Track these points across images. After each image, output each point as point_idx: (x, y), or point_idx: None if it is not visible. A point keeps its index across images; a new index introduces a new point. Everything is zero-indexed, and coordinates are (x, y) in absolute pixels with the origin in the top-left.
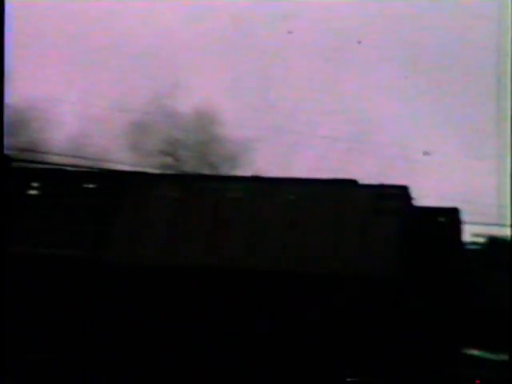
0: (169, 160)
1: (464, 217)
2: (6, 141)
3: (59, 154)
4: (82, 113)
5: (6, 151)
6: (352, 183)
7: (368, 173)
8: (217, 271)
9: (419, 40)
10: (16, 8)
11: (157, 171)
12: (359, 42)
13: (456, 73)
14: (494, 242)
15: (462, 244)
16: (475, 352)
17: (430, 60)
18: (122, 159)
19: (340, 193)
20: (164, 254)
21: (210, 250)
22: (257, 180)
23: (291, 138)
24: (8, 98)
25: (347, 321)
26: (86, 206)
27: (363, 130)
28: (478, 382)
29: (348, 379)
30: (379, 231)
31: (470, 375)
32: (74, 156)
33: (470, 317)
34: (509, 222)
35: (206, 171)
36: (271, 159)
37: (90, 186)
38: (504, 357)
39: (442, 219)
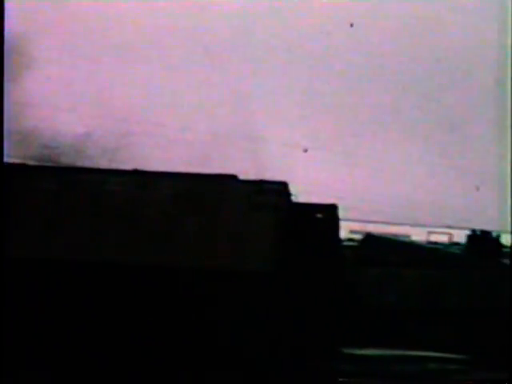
0: (47, 152)
1: (341, 213)
2: None
3: None
4: None
5: None
6: (231, 178)
7: (247, 168)
8: (88, 264)
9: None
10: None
11: (34, 163)
12: None
13: (334, 73)
14: (369, 238)
15: (338, 240)
16: (351, 350)
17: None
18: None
19: (219, 188)
20: (36, 246)
21: (86, 244)
22: (136, 174)
23: (170, 132)
24: None
25: (220, 315)
26: None
27: (244, 126)
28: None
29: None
30: (257, 227)
31: (342, 371)
32: None
33: (345, 314)
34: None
35: (85, 164)
36: (151, 153)
37: None
38: (374, 352)
39: (319, 215)
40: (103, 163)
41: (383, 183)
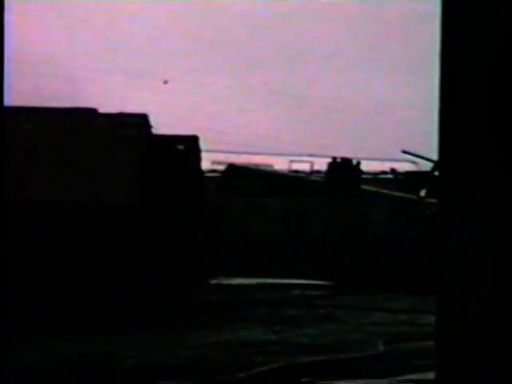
0: None
1: (203, 145)
2: None
3: None
4: None
5: None
6: (91, 112)
7: (108, 101)
8: None
9: None
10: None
11: None
12: None
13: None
14: (231, 169)
15: (201, 171)
16: (217, 280)
17: None
18: None
19: (79, 121)
20: None
21: None
22: None
23: (33, 65)
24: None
25: (82, 249)
26: None
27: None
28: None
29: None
30: (118, 160)
31: (209, 300)
32: None
33: (209, 245)
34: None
35: None
36: (11, 87)
37: None
38: (240, 281)
39: (180, 147)
40: None
41: (244, 114)
